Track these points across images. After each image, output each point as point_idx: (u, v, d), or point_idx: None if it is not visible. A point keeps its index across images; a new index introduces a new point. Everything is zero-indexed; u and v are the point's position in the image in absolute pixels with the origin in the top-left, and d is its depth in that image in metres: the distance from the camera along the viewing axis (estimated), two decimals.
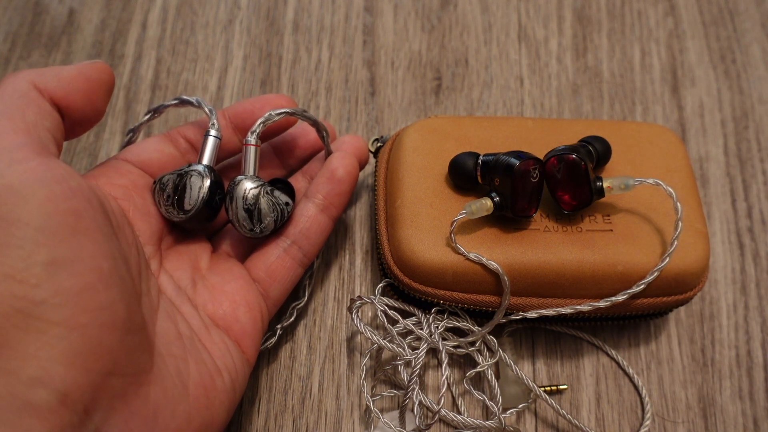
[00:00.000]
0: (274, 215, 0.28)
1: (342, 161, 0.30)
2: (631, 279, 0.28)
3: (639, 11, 0.43)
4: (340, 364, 0.32)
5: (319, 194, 0.29)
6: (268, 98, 0.30)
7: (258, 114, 0.29)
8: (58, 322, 0.18)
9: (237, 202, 0.27)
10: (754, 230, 0.36)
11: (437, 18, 0.42)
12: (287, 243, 0.29)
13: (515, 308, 0.29)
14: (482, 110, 0.39)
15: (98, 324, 0.19)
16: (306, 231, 0.29)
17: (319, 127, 0.30)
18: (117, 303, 0.20)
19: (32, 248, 0.18)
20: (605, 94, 0.40)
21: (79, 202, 0.20)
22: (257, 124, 0.28)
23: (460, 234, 0.28)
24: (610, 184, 0.28)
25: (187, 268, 0.27)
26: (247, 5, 0.42)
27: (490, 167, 0.28)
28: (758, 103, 0.40)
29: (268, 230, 0.28)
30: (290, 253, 0.29)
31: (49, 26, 0.41)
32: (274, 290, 0.29)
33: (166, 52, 0.40)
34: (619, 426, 0.31)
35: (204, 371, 0.24)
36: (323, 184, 0.29)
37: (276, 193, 0.28)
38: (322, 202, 0.29)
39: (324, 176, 0.30)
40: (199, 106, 0.29)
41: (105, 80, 0.25)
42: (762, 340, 0.33)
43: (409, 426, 0.29)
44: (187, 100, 0.29)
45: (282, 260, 0.29)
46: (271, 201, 0.28)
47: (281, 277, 0.29)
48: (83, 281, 0.19)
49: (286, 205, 0.29)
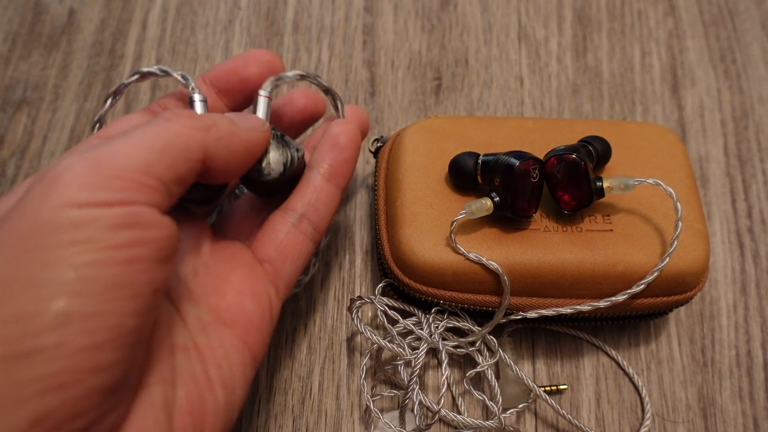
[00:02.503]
0: (283, 158, 0.26)
1: (344, 127, 0.28)
2: (631, 279, 0.28)
3: (639, 11, 0.43)
4: (340, 364, 0.32)
5: (324, 163, 0.27)
6: (251, 54, 0.28)
7: (242, 72, 0.27)
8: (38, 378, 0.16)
9: None
10: (754, 230, 0.36)
11: (437, 18, 0.42)
12: (296, 217, 0.27)
13: (515, 308, 0.29)
14: (482, 110, 0.39)
15: (85, 386, 0.17)
16: (315, 202, 0.27)
17: (333, 95, 0.29)
18: (119, 365, 0.18)
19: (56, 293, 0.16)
20: (605, 94, 0.40)
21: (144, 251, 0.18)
22: (270, 81, 0.27)
23: (460, 234, 0.28)
24: (610, 184, 0.28)
25: (188, 254, 0.25)
26: (247, 5, 0.42)
27: (490, 167, 0.28)
28: (758, 103, 0.40)
29: (276, 172, 0.26)
30: (300, 227, 0.27)
31: (49, 26, 0.41)
32: (286, 269, 0.26)
33: (166, 52, 0.40)
34: (619, 426, 0.31)
35: (193, 392, 0.22)
36: (327, 152, 0.27)
37: (287, 138, 0.26)
38: (328, 171, 0.27)
39: (327, 144, 0.28)
40: (166, 75, 0.27)
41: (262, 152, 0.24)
42: (762, 340, 0.33)
43: (409, 426, 0.29)
44: (149, 71, 0.27)
45: (292, 236, 0.26)
46: (281, 143, 0.26)
47: (293, 254, 0.26)
48: (91, 339, 0.17)
49: (297, 150, 0.26)
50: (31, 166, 0.37)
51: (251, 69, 0.27)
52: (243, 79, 0.28)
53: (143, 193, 0.19)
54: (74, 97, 0.39)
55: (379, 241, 0.30)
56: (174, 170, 0.20)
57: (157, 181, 0.19)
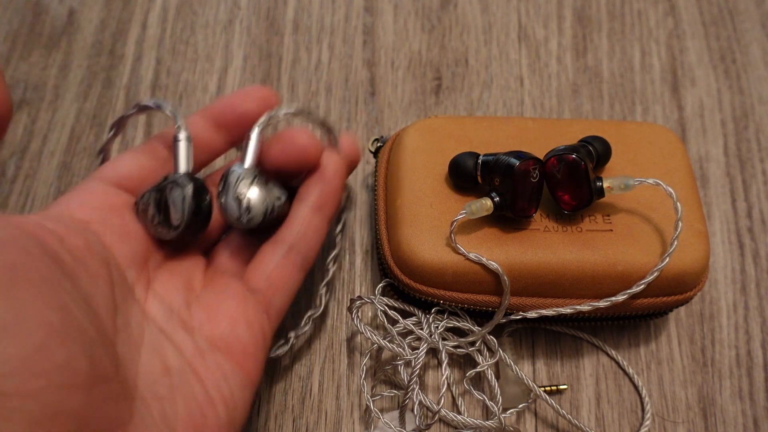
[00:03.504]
0: (263, 207, 0.27)
1: (328, 159, 0.28)
2: (631, 279, 0.28)
3: (639, 11, 0.43)
4: (340, 364, 0.32)
5: (311, 196, 0.28)
6: (248, 91, 0.28)
7: (239, 108, 0.28)
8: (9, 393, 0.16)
9: (229, 189, 0.26)
10: (754, 230, 0.36)
11: (437, 18, 0.42)
12: (285, 248, 0.27)
13: (515, 308, 0.29)
14: (482, 110, 0.39)
15: (55, 386, 0.17)
16: (303, 234, 0.28)
17: (329, 128, 0.29)
18: (77, 358, 0.18)
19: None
20: (605, 94, 0.40)
21: (12, 254, 0.18)
22: (263, 119, 0.27)
23: (460, 234, 0.28)
24: (610, 184, 0.28)
25: (180, 287, 0.26)
26: (247, 5, 0.42)
27: (490, 167, 0.28)
28: (758, 103, 0.40)
29: (255, 222, 0.27)
30: (289, 258, 0.27)
31: (49, 26, 0.41)
32: (276, 299, 0.27)
33: (166, 52, 0.40)
34: (619, 426, 0.31)
35: (194, 408, 0.22)
36: (314, 184, 0.28)
37: (270, 185, 0.27)
38: (316, 202, 0.28)
39: (314, 175, 0.28)
40: (158, 109, 0.28)
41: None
42: (762, 340, 0.33)
43: (409, 426, 0.29)
44: (146, 105, 0.28)
45: (282, 267, 0.27)
46: (263, 192, 0.27)
47: (282, 284, 0.27)
48: (31, 343, 0.17)
49: (278, 199, 0.27)
50: (31, 166, 0.37)
51: (248, 105, 0.28)
52: (240, 114, 0.28)
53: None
54: (74, 97, 0.39)
55: (379, 241, 0.30)
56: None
57: None
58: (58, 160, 0.37)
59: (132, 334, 0.22)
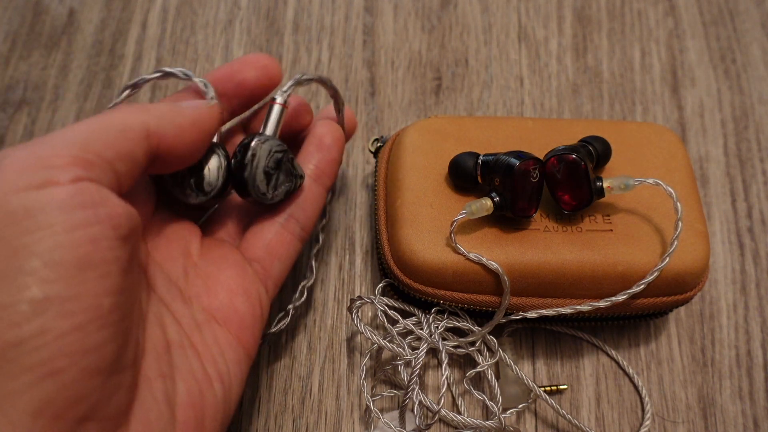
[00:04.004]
0: (289, 185, 0.26)
1: (328, 128, 0.29)
2: (631, 279, 0.28)
3: (639, 11, 0.43)
4: (340, 364, 0.32)
5: (310, 164, 0.28)
6: (248, 58, 0.28)
7: (237, 77, 0.27)
8: (30, 367, 0.16)
9: (259, 162, 0.25)
10: (754, 230, 0.36)
11: (437, 18, 0.42)
12: (284, 217, 0.27)
13: (515, 308, 0.29)
14: (482, 110, 0.39)
15: (79, 368, 0.17)
16: (302, 203, 0.27)
17: (338, 99, 0.29)
18: (108, 344, 0.18)
19: (29, 282, 0.16)
20: (605, 94, 0.40)
21: (102, 229, 0.18)
22: (288, 85, 0.27)
23: (460, 234, 0.28)
24: (610, 184, 0.28)
25: (178, 256, 0.25)
26: (247, 5, 0.42)
27: (490, 167, 0.28)
28: (758, 103, 0.40)
29: (278, 199, 0.26)
30: (288, 227, 0.27)
31: (49, 26, 0.41)
32: (275, 268, 0.27)
33: (166, 52, 0.40)
34: (619, 426, 0.31)
35: (193, 387, 0.22)
36: (312, 153, 0.28)
37: (295, 163, 0.27)
38: (314, 172, 0.28)
39: (312, 144, 0.28)
40: (188, 79, 0.26)
41: (214, 127, 0.23)
42: (762, 340, 0.33)
43: (409, 426, 0.29)
44: (171, 72, 0.27)
45: (281, 236, 0.27)
46: (290, 168, 0.26)
47: (281, 253, 0.27)
48: (73, 322, 0.17)
49: (300, 177, 0.27)
50: None
51: (247, 73, 0.27)
52: (239, 83, 0.27)
53: (85, 169, 0.19)
54: (74, 97, 0.39)
55: (379, 241, 0.30)
56: (114, 148, 0.20)
57: (97, 157, 0.19)
58: None
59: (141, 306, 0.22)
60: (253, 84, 0.27)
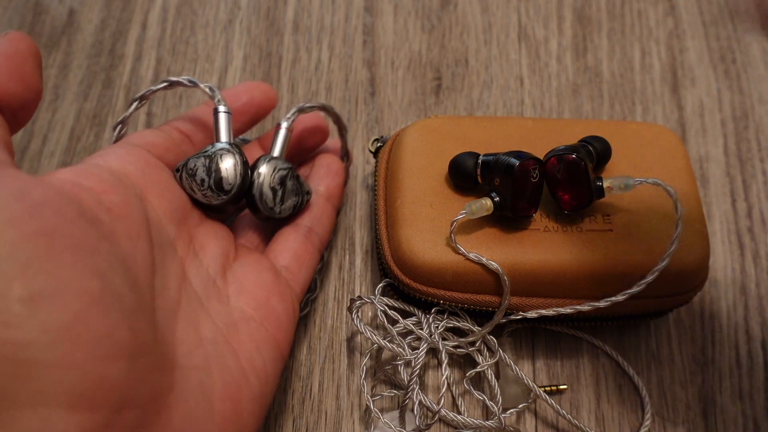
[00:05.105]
0: (296, 199, 0.29)
1: (333, 158, 0.33)
2: (631, 279, 0.28)
3: (639, 11, 0.43)
4: (340, 364, 0.32)
5: (321, 186, 0.31)
6: (252, 84, 0.30)
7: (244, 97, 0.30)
8: (51, 364, 0.16)
9: (264, 178, 0.27)
10: (754, 230, 0.36)
11: (437, 18, 0.42)
12: (305, 229, 0.29)
13: (515, 308, 0.29)
14: (482, 110, 0.39)
15: (98, 357, 0.16)
16: (319, 218, 0.30)
17: (341, 125, 0.33)
18: (118, 327, 0.17)
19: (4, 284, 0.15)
20: (605, 94, 0.40)
21: (47, 219, 0.17)
22: (291, 112, 0.29)
23: (460, 234, 0.28)
24: (610, 184, 0.28)
25: (217, 253, 0.26)
26: (247, 5, 0.42)
27: (490, 167, 0.28)
28: (758, 103, 0.40)
29: (286, 213, 0.29)
30: (310, 239, 0.29)
31: (49, 26, 0.41)
32: (301, 276, 0.28)
33: (166, 52, 0.40)
34: (619, 426, 0.31)
35: (229, 380, 0.22)
36: (323, 177, 0.32)
37: (301, 180, 0.29)
38: (326, 192, 0.31)
39: (322, 170, 0.32)
40: (194, 86, 0.28)
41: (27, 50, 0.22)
42: (762, 340, 0.33)
43: (409, 426, 0.29)
44: (177, 81, 0.28)
45: (305, 245, 0.29)
46: (296, 185, 0.29)
47: (307, 262, 0.29)
48: (71, 312, 0.16)
49: (307, 194, 0.30)
50: (32, 166, 0.37)
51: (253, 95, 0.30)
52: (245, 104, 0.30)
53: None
54: (74, 97, 0.39)
55: (379, 241, 0.30)
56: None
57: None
58: (58, 160, 0.37)
59: (170, 297, 0.22)
60: (259, 106, 0.30)
